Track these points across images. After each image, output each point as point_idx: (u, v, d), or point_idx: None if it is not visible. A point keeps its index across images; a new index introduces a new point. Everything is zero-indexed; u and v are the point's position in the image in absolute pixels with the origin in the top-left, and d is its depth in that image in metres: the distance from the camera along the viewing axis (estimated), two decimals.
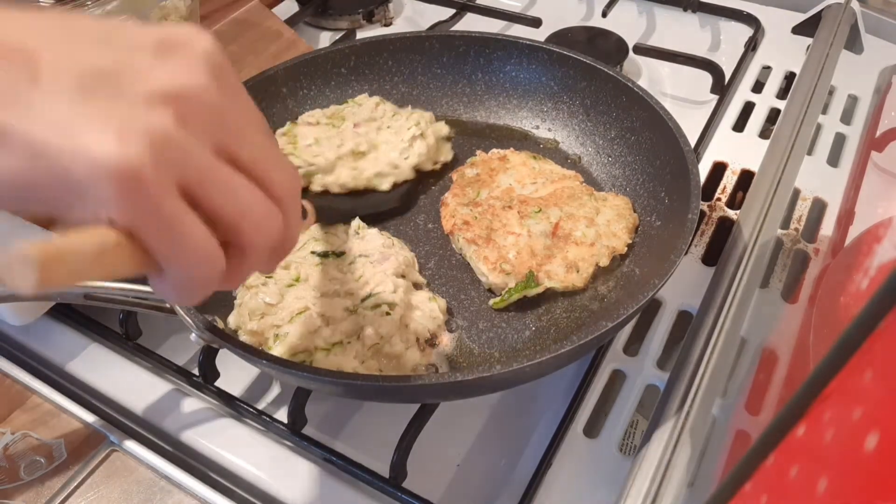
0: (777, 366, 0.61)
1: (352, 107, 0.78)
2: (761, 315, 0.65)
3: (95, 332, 0.67)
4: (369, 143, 0.73)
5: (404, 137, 0.73)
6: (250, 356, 0.51)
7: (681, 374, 0.57)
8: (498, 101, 0.83)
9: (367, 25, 1.10)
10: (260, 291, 0.60)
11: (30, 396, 0.61)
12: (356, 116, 0.76)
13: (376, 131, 0.75)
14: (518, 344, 0.62)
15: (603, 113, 0.77)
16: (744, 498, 0.32)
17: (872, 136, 0.84)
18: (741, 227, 0.68)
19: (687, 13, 1.06)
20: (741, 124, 0.88)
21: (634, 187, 0.72)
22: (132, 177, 0.31)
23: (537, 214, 0.68)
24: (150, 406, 0.61)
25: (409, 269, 0.64)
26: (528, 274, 0.63)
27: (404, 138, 0.73)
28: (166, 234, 0.33)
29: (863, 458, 0.23)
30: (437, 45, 0.83)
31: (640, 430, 0.61)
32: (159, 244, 0.33)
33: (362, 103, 0.78)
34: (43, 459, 0.56)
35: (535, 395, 0.63)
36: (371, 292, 0.59)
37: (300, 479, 0.56)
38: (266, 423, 0.60)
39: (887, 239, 0.57)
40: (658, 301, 0.68)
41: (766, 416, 0.58)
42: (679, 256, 0.55)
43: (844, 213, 0.75)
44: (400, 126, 0.75)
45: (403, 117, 0.76)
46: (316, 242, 0.65)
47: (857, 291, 0.54)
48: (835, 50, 0.91)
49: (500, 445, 0.60)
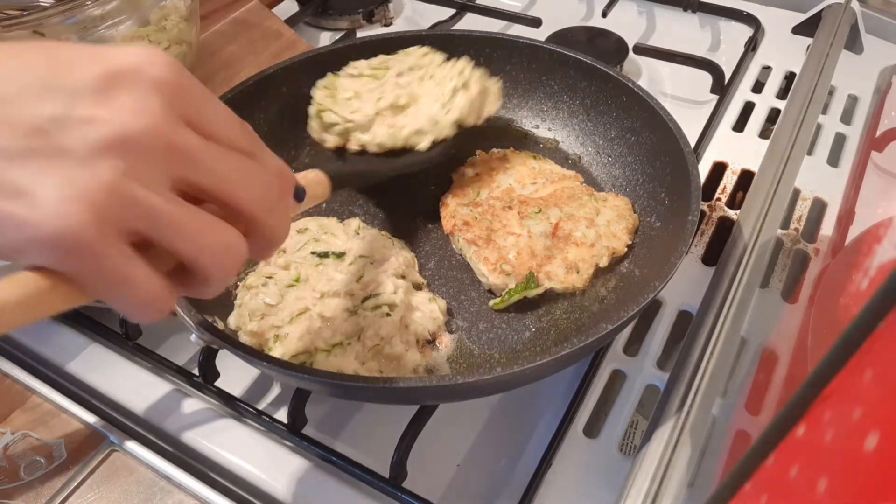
0: (777, 366, 0.61)
1: (399, 56, 0.73)
2: (761, 315, 0.65)
3: (95, 332, 0.67)
4: (410, 95, 0.67)
5: (446, 89, 0.67)
6: (250, 357, 0.51)
7: (681, 374, 0.57)
8: None
9: (367, 25, 1.10)
10: (260, 292, 0.60)
11: (30, 396, 0.61)
12: (401, 65, 0.71)
13: (419, 81, 0.69)
14: (518, 345, 0.62)
15: (603, 113, 0.77)
16: (744, 498, 0.32)
17: (872, 136, 0.84)
18: (741, 227, 0.68)
19: (687, 13, 1.06)
20: (741, 124, 0.88)
21: (634, 188, 0.72)
22: (72, 244, 0.30)
23: (537, 215, 0.68)
24: (150, 406, 0.61)
25: (409, 270, 0.64)
26: (529, 275, 0.63)
27: (445, 90, 0.67)
28: (107, 283, 0.32)
29: (863, 458, 0.23)
30: (437, 44, 0.82)
31: (640, 430, 0.61)
32: (99, 291, 0.33)
33: (410, 52, 0.73)
34: (43, 459, 0.56)
35: (535, 396, 0.63)
36: (371, 293, 0.59)
37: (300, 480, 0.56)
38: (266, 423, 0.60)
39: (887, 239, 0.57)
40: (658, 301, 0.68)
41: (766, 416, 0.58)
42: (679, 258, 0.55)
43: (844, 213, 0.75)
44: (444, 76, 0.69)
45: (448, 67, 0.70)
46: (316, 243, 0.65)
47: (857, 291, 0.54)
48: (835, 50, 0.91)
49: (500, 445, 0.60)
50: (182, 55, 0.78)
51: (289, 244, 0.65)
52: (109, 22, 0.69)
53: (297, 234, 0.66)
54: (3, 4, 0.79)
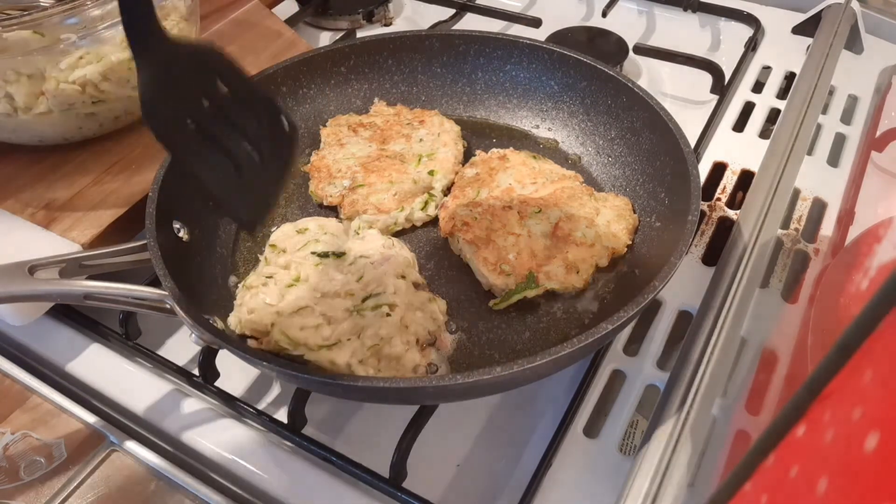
0: (777, 366, 0.61)
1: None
2: (761, 315, 0.65)
3: (95, 332, 0.67)
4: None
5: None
6: (250, 357, 0.51)
7: (681, 374, 0.56)
8: (498, 101, 0.83)
9: (367, 25, 1.10)
10: (260, 292, 0.60)
11: (30, 396, 0.61)
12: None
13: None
14: (518, 345, 0.62)
15: (603, 113, 0.77)
16: (744, 498, 0.32)
17: (872, 136, 0.84)
18: (741, 227, 0.68)
19: (687, 13, 1.06)
20: (741, 124, 0.88)
21: (634, 188, 0.72)
22: None
23: (537, 215, 0.68)
24: (150, 406, 0.61)
25: (409, 270, 0.64)
26: (528, 275, 0.63)
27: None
28: None
29: (863, 458, 0.23)
30: (437, 44, 0.83)
31: (640, 430, 0.61)
32: None
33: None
34: (43, 459, 0.56)
35: (535, 396, 0.63)
36: (371, 293, 0.59)
37: (300, 479, 0.56)
38: (266, 423, 0.60)
39: (887, 239, 0.57)
40: (658, 301, 0.68)
41: (766, 416, 0.58)
42: (679, 258, 0.55)
43: (844, 213, 0.75)
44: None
45: None
46: (316, 243, 0.65)
47: (857, 291, 0.54)
48: (835, 50, 0.90)
49: (500, 445, 0.60)
50: None
51: (289, 244, 0.65)
52: (109, 22, 0.70)
53: (297, 234, 0.66)
54: (4, 4, 0.79)
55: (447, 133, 0.78)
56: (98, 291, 0.56)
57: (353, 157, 0.75)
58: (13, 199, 0.73)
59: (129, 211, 0.71)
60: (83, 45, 0.69)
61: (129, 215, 0.71)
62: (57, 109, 0.71)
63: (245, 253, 0.70)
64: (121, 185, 0.74)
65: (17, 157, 0.77)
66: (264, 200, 0.53)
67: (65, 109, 0.71)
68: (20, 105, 0.70)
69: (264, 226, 0.72)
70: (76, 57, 0.69)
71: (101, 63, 0.70)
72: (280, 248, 0.65)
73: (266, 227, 0.72)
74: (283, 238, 0.66)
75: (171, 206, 0.64)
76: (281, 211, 0.75)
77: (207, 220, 0.70)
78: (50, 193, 0.73)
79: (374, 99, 0.84)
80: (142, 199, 0.71)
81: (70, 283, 0.56)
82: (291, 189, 0.77)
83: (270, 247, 0.66)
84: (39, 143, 0.76)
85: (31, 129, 0.73)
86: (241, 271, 0.68)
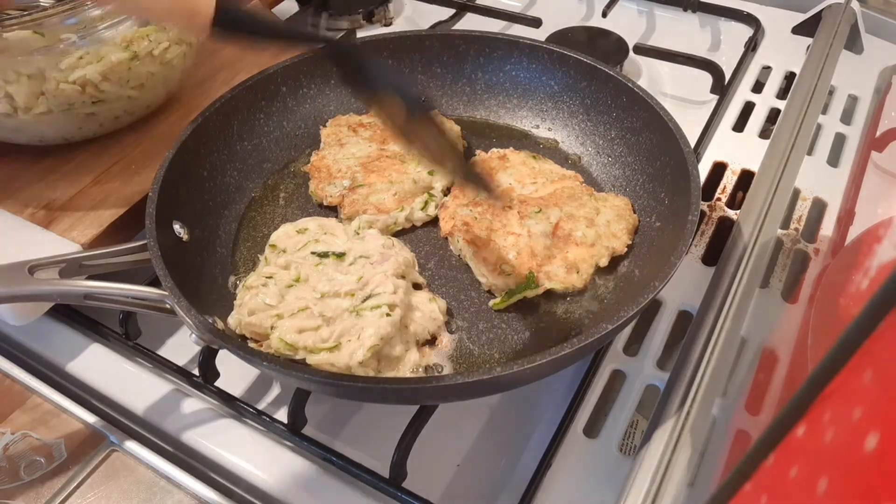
0: (777, 366, 0.61)
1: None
2: (761, 315, 0.65)
3: (95, 332, 0.67)
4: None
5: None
6: (250, 357, 0.51)
7: (681, 374, 0.56)
8: (498, 101, 0.83)
9: (367, 25, 1.10)
10: (260, 292, 0.60)
11: (30, 396, 0.61)
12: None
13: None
14: (518, 345, 0.62)
15: (603, 113, 0.77)
16: (744, 498, 0.32)
17: (872, 136, 0.84)
18: (741, 227, 0.68)
19: (687, 13, 1.06)
20: (741, 124, 0.88)
21: (634, 188, 0.72)
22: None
23: (537, 214, 0.68)
24: (150, 406, 0.61)
25: (409, 270, 0.64)
26: (528, 275, 0.63)
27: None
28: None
29: (863, 458, 0.23)
30: (437, 44, 0.83)
31: (640, 430, 0.61)
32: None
33: None
34: (43, 459, 0.56)
35: (536, 396, 0.63)
36: (371, 293, 0.59)
37: (300, 479, 0.56)
38: (266, 423, 0.60)
39: (887, 239, 0.57)
40: (658, 301, 0.68)
41: (766, 416, 0.58)
42: (679, 258, 0.54)
43: (844, 213, 0.75)
44: None
45: None
46: (316, 243, 0.65)
47: (857, 291, 0.54)
48: (835, 50, 0.90)
49: (500, 445, 0.60)
50: (182, 55, 0.78)
51: (289, 244, 0.65)
52: (109, 22, 0.70)
53: (296, 234, 0.66)
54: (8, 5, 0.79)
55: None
56: (98, 291, 0.56)
57: (353, 157, 0.75)
58: (13, 199, 0.73)
59: (129, 211, 0.71)
60: (83, 45, 0.69)
61: (129, 215, 0.71)
62: (57, 109, 0.71)
63: (245, 253, 0.70)
64: (121, 185, 0.74)
65: (17, 156, 0.77)
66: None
67: (65, 109, 0.71)
68: (20, 105, 0.70)
69: (264, 226, 0.72)
70: (76, 57, 0.69)
71: (100, 63, 0.70)
72: (280, 249, 0.65)
73: (266, 228, 0.72)
74: (282, 238, 0.66)
75: (171, 206, 0.64)
76: (281, 211, 0.75)
77: (207, 220, 0.70)
78: (50, 193, 0.73)
79: None
80: (142, 199, 0.71)
81: (70, 283, 0.56)
82: (291, 189, 0.77)
83: (270, 247, 0.66)
84: (39, 143, 0.76)
85: (32, 128, 0.73)
86: (241, 271, 0.68)
